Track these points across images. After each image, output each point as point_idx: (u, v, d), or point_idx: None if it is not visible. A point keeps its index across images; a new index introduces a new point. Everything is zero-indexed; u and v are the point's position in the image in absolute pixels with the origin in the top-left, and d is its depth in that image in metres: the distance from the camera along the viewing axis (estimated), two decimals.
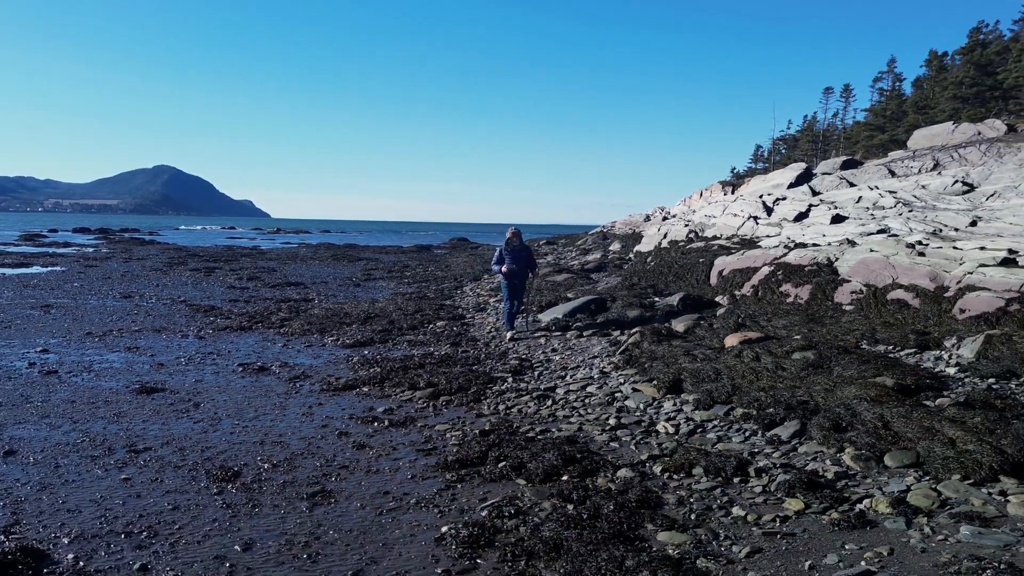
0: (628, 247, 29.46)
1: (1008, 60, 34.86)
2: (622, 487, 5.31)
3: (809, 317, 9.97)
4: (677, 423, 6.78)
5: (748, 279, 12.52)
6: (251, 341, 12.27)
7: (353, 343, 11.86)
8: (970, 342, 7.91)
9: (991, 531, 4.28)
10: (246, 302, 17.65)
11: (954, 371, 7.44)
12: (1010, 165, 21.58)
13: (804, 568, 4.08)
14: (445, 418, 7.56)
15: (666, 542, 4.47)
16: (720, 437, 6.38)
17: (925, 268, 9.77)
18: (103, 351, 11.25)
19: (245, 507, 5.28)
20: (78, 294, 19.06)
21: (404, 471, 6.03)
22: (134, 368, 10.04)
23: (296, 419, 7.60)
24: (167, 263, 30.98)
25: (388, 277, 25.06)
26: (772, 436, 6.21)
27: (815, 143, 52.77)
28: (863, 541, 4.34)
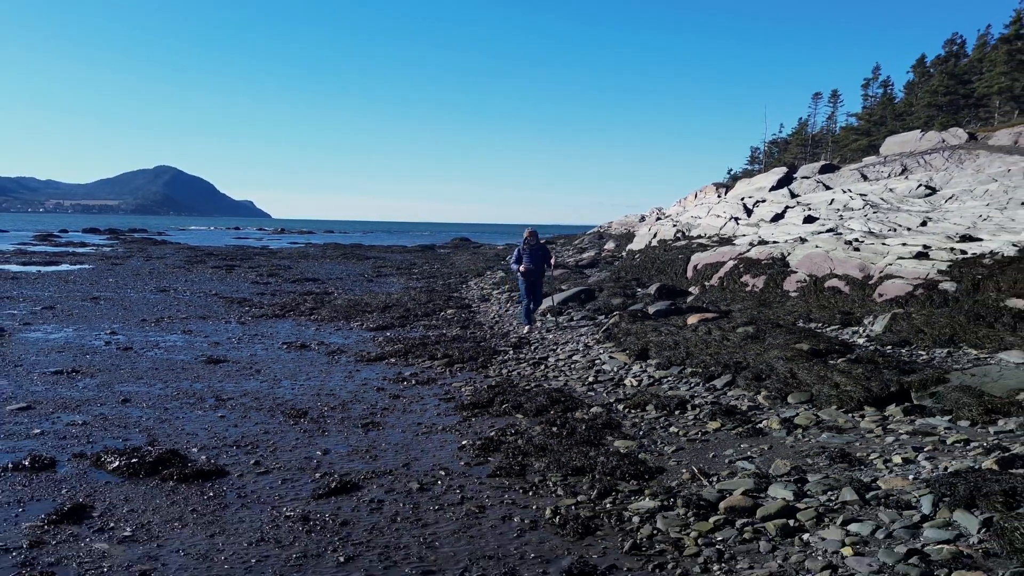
0: (622, 246, 31.39)
1: (981, 70, 36.82)
2: (593, 417, 7.25)
3: (760, 302, 11.91)
4: (640, 379, 8.73)
5: (716, 271, 14.47)
6: (287, 326, 14.21)
7: (376, 327, 13.81)
8: (881, 319, 9.85)
9: (841, 436, 6.23)
10: (272, 295, 19.58)
11: (863, 341, 9.38)
12: (968, 171, 23.52)
13: (708, 457, 6.04)
14: (459, 379, 9.50)
15: (619, 446, 6.41)
16: (671, 387, 8.33)
17: (856, 261, 11.71)
18: (162, 333, 13.18)
19: (317, 432, 7.22)
20: (117, 288, 20.98)
21: (431, 411, 7.98)
22: (194, 346, 11.97)
23: (340, 380, 9.54)
24: (187, 261, 32.89)
25: (397, 274, 27.02)
26: (710, 385, 8.16)
27: (804, 146, 54.75)
28: (754, 443, 6.29)
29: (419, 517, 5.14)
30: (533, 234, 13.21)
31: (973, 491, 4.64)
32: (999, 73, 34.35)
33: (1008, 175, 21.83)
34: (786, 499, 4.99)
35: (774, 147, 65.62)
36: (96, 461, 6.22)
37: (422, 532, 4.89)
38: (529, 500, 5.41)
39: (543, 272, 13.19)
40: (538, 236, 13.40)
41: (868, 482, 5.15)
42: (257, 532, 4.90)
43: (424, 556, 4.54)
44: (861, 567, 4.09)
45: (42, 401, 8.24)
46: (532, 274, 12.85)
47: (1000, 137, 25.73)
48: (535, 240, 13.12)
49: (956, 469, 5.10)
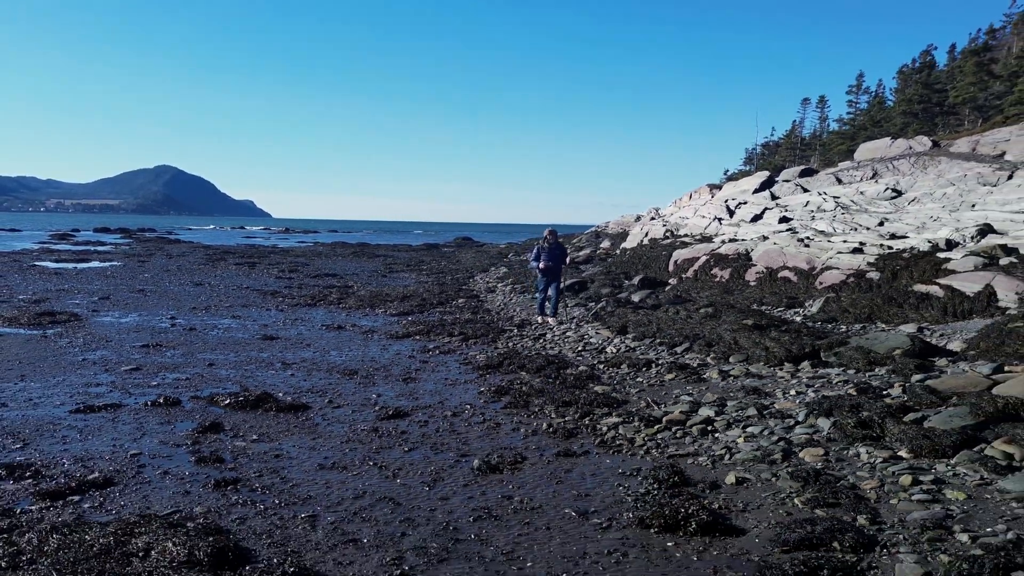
0: (616, 244, 33.64)
1: (954, 80, 39.09)
2: (579, 373, 9.48)
3: (724, 290, 14.13)
4: (619, 347, 10.96)
5: (692, 265, 16.68)
6: (320, 313, 16.41)
7: (398, 313, 16.04)
8: (817, 302, 12.07)
9: (760, 380, 8.46)
10: (299, 288, 21.78)
11: (800, 319, 11.61)
12: (931, 175, 25.75)
13: (662, 395, 8.27)
14: (474, 350, 11.72)
15: (598, 389, 8.63)
16: (642, 353, 10.55)
17: (805, 255, 13.92)
18: (215, 318, 15.38)
19: (368, 383, 9.44)
20: (155, 282, 23.18)
21: (454, 371, 10.20)
22: (247, 327, 14.17)
23: (377, 351, 11.76)
24: (208, 259, 35.07)
25: (408, 270, 29.25)
26: (672, 351, 10.39)
27: (794, 149, 57.08)
28: (696, 386, 8.52)
29: (454, 429, 7.36)
30: (553, 233, 14.17)
31: (832, 406, 6.88)
32: (968, 83, 36.60)
33: (964, 179, 24.06)
34: (708, 415, 7.22)
35: (766, 150, 67.92)
36: (210, 400, 8.43)
37: (457, 436, 7.11)
38: (531, 420, 7.63)
39: (560, 268, 13.99)
40: (557, 235, 14.30)
41: (767, 404, 7.39)
42: (344, 437, 7.12)
43: (460, 448, 6.76)
44: (747, 448, 6.32)
45: (145, 365, 10.45)
46: (551, 271, 13.71)
47: (960, 145, 27.93)
48: (554, 239, 14.01)
49: (827, 395, 7.34)
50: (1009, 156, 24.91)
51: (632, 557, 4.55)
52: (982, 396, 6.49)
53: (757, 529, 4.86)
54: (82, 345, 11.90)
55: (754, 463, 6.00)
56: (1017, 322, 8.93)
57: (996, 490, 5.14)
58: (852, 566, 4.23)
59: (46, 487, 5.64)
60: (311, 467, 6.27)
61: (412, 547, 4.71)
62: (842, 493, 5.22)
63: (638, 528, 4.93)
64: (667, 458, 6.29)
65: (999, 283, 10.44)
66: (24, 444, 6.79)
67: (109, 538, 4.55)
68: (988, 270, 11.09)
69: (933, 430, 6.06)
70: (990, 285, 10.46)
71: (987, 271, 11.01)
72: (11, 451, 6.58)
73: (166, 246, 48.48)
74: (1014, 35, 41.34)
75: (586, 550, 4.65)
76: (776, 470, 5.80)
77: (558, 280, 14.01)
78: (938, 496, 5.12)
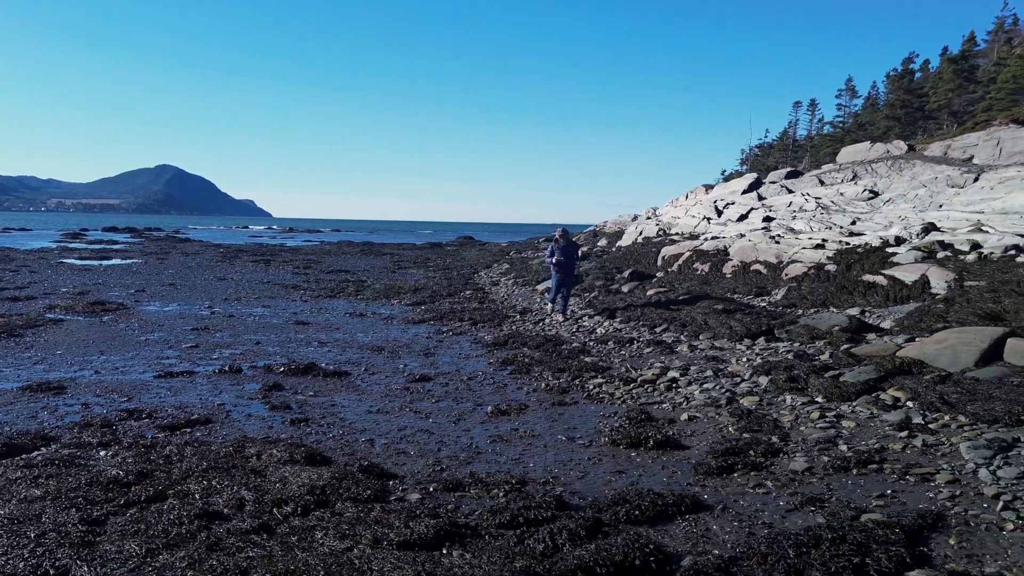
0: (612, 242, 35.39)
1: (937, 86, 40.92)
2: (572, 348, 11.24)
3: (703, 281, 15.89)
4: (607, 329, 12.73)
5: (677, 260, 18.44)
6: (341, 303, 18.18)
7: (412, 303, 17.80)
8: (782, 291, 13.84)
9: (721, 352, 10.22)
10: (316, 282, 23.52)
11: (765, 305, 13.38)
12: (906, 177, 27.51)
13: (640, 363, 10.03)
14: (483, 332, 13.48)
15: (587, 360, 10.39)
16: (627, 333, 12.32)
17: (774, 250, 15.68)
18: (248, 307, 17.13)
19: (395, 357, 11.20)
20: (182, 277, 24.91)
21: (466, 347, 11.97)
22: (279, 315, 15.93)
23: (398, 333, 13.53)
24: (223, 257, 36.77)
25: (415, 266, 31.01)
26: (652, 331, 12.16)
27: (786, 151, 58.91)
28: (668, 357, 10.28)
29: (470, 388, 9.14)
30: (564, 234, 14.75)
31: (771, 367, 8.65)
32: (946, 89, 38.39)
33: (935, 181, 25.82)
34: (674, 376, 8.99)
35: (760, 151, 69.76)
36: (267, 369, 10.20)
37: (472, 393, 8.88)
38: (532, 382, 9.40)
39: (574, 265, 14.57)
40: (569, 235, 14.96)
41: (722, 368, 9.17)
42: (382, 393, 8.89)
43: (476, 400, 8.53)
44: (700, 397, 8.10)
45: (201, 343, 12.21)
46: (564, 267, 14.20)
47: (934, 149, 29.67)
48: (566, 239, 14.60)
49: (770, 360, 9.12)
50: (976, 160, 26.66)
51: (605, 461, 6.32)
52: (886, 358, 8.26)
53: (698, 446, 6.63)
54: (139, 329, 13.66)
55: (704, 407, 7.78)
56: (938, 304, 10.69)
57: (880, 421, 6.91)
58: (760, 464, 6.00)
59: (162, 423, 7.41)
60: (361, 412, 8.05)
61: (446, 456, 6.49)
62: (765, 423, 6.99)
63: (611, 446, 6.70)
64: (638, 405, 8.06)
65: (932, 273, 12.20)
66: (129, 398, 8.56)
67: (229, 448, 6.32)
68: (925, 262, 12.84)
69: (844, 382, 7.83)
70: (925, 275, 12.21)
71: (924, 263, 12.77)
72: (122, 402, 8.35)
73: (178, 245, 50.13)
74: (994, 42, 43.13)
75: (572, 458, 6.43)
76: (720, 411, 7.58)
77: (571, 277, 14.53)
78: (835, 425, 6.89)
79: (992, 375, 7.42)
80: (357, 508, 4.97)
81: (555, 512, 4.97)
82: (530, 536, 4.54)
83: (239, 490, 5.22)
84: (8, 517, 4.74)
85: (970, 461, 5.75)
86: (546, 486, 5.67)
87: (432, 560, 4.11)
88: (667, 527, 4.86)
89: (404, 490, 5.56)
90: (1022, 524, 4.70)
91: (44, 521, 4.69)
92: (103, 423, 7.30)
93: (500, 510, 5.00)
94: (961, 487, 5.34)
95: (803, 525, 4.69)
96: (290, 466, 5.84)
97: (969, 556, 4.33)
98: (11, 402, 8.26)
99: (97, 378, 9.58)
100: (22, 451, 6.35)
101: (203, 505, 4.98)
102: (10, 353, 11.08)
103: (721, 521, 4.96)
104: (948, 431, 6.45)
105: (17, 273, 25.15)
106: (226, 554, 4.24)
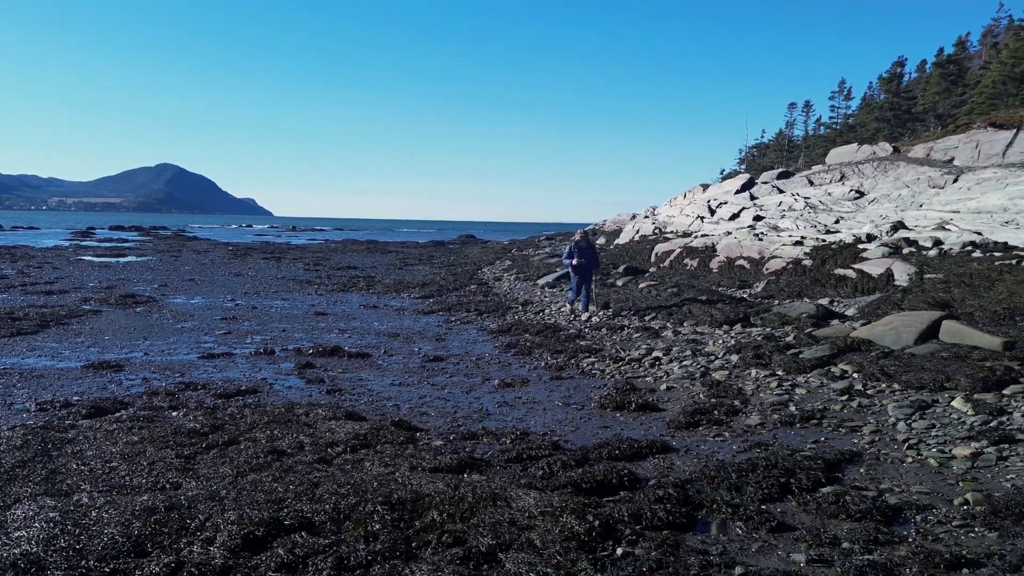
0: (611, 240, 36.65)
1: (925, 89, 42.21)
2: (569, 334, 12.51)
3: (692, 275, 17.16)
4: (601, 318, 13.99)
5: (669, 256, 19.71)
6: (355, 296, 19.44)
7: (421, 296, 19.06)
8: (762, 284, 15.09)
9: (701, 335, 11.49)
10: (328, 277, 24.78)
11: (746, 296, 14.63)
12: (890, 178, 28.77)
13: (628, 345, 11.30)
14: (488, 321, 14.74)
15: (582, 343, 11.65)
16: (618, 321, 13.58)
17: (757, 247, 16.94)
18: (268, 300, 18.39)
19: (410, 342, 12.46)
20: (199, 273, 26.18)
21: (473, 334, 13.24)
22: (298, 306, 17.19)
23: (410, 322, 14.79)
24: (234, 254, 38.01)
25: (420, 263, 32.28)
26: (642, 319, 13.41)
27: (781, 151, 60.23)
28: (654, 341, 11.54)
29: (478, 366, 10.40)
30: (584, 235, 14.89)
31: (741, 347, 9.91)
32: (933, 93, 39.65)
33: (917, 182, 27.08)
34: (658, 355, 10.26)
35: (756, 151, 71.09)
36: (297, 351, 11.46)
37: (481, 370, 10.15)
38: (533, 361, 10.67)
39: (592, 266, 14.69)
40: (588, 236, 14.98)
41: (700, 349, 10.43)
42: (401, 370, 10.15)
43: (484, 375, 9.79)
44: (679, 372, 9.36)
45: (233, 331, 13.47)
46: (583, 269, 14.38)
47: (917, 151, 30.93)
48: (586, 241, 14.75)
49: (742, 341, 10.39)
50: (957, 161, 27.92)
51: (594, 420, 7.59)
52: (840, 338, 9.52)
53: (672, 408, 7.90)
54: (173, 319, 14.92)
55: (681, 379, 9.05)
56: (897, 294, 11.95)
57: (827, 388, 8.16)
58: (721, 420, 7.27)
59: (216, 392, 8.67)
60: (385, 384, 9.32)
61: (461, 416, 7.76)
62: (731, 391, 8.26)
63: (599, 409, 7.97)
64: (625, 379, 9.33)
65: (896, 267, 13.45)
66: (181, 374, 9.82)
67: (280, 410, 7.58)
68: (891, 257, 14.09)
69: (803, 358, 9.08)
70: (890, 268, 13.46)
71: (890, 258, 14.01)
72: (176, 377, 9.61)
73: (187, 243, 51.36)
74: (983, 45, 44.41)
75: (566, 417, 7.69)
76: (694, 383, 8.85)
77: (590, 277, 14.68)
78: (789, 392, 8.16)
79: (927, 351, 8.67)
80: (394, 448, 6.23)
81: (551, 452, 6.24)
82: (532, 465, 5.81)
83: (298, 436, 6.49)
84: (120, 453, 6.00)
85: (893, 417, 7.03)
86: (544, 436, 6.93)
87: (456, 480, 5.37)
88: (640, 462, 6.12)
89: (429, 439, 6.82)
90: (919, 459, 5.98)
91: (149, 456, 5.95)
92: (166, 393, 8.56)
93: (507, 450, 6.26)
94: (880, 435, 6.61)
95: (746, 459, 5.96)
96: (334, 421, 7.10)
97: (872, 479, 5.59)
98: (80, 377, 9.53)
99: (148, 359, 10.84)
100: (107, 412, 7.61)
101: (271, 446, 6.23)
102: (64, 338, 12.35)
103: (683, 459, 6.23)
104: (882, 395, 7.72)
105: (41, 269, 26.43)
106: (298, 475, 5.50)
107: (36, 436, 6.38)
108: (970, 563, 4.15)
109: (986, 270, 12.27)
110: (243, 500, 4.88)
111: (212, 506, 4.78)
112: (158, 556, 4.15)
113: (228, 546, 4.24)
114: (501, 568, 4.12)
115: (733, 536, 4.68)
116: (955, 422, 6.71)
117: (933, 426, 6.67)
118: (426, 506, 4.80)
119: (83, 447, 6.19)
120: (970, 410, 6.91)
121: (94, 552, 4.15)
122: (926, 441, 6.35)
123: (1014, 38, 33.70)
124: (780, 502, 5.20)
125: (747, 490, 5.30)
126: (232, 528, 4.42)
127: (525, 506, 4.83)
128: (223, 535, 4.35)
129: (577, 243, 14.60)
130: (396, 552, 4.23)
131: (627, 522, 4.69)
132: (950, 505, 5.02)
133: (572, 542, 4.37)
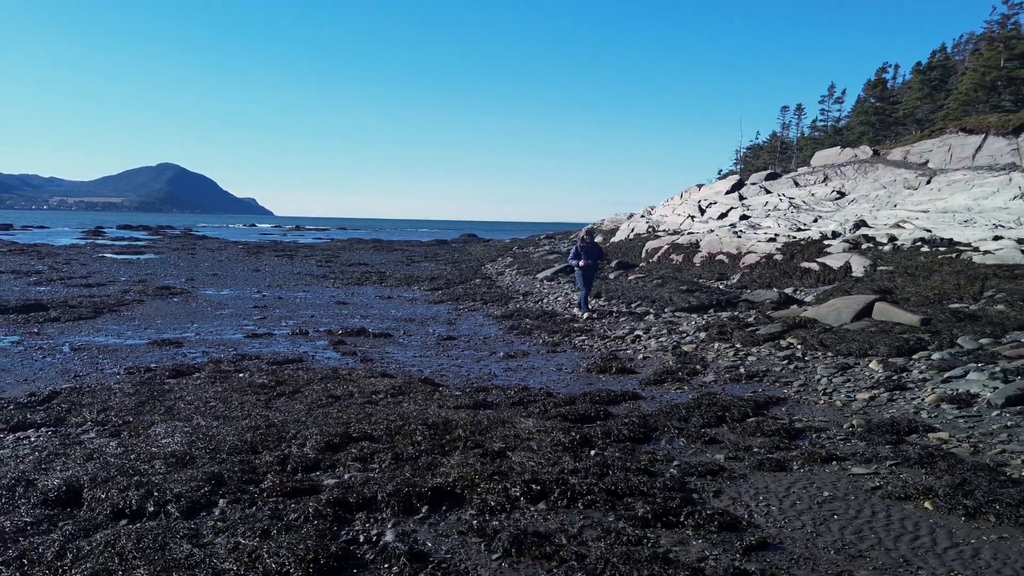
0: (607, 238, 38.39)
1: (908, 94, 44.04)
2: (564, 319, 14.27)
3: (676, 269, 18.94)
4: (593, 305, 15.77)
5: (657, 252, 21.47)
6: (369, 289, 21.21)
7: (430, 288, 20.85)
8: (737, 276, 16.86)
9: (678, 319, 13.26)
10: (341, 273, 26.54)
11: (722, 286, 16.41)
12: (869, 179, 30.54)
13: (615, 327, 13.07)
14: (492, 309, 16.52)
15: (575, 326, 13.42)
16: (608, 308, 15.35)
17: (735, 243, 18.71)
18: (291, 292, 20.15)
19: (424, 326, 14.23)
20: (220, 269, 27.91)
21: (480, 319, 15.01)
22: (320, 297, 18.96)
23: (423, 310, 16.57)
24: (247, 252, 39.73)
25: (426, 260, 34.05)
26: (629, 306, 15.19)
27: (775, 153, 62.05)
28: (637, 323, 13.31)
29: (486, 344, 12.18)
30: (589, 233, 16.30)
31: (709, 326, 11.68)
32: (914, 98, 41.46)
33: (894, 184, 28.85)
34: (639, 334, 12.03)
35: (751, 152, 72.94)
36: (327, 332, 13.23)
37: (488, 347, 11.92)
38: (532, 340, 12.44)
39: (597, 265, 15.15)
40: (593, 235, 16.02)
41: (675, 328, 12.21)
42: (420, 347, 11.93)
43: (491, 350, 11.57)
44: (655, 346, 11.13)
45: (267, 317, 15.24)
46: (588, 268, 14.78)
47: (895, 154, 32.67)
48: (590, 239, 15.32)
49: (710, 322, 12.16)
50: (931, 164, 29.68)
51: (581, 379, 9.37)
52: (791, 318, 11.29)
53: (645, 372, 9.68)
54: (210, 307, 16.69)
55: (656, 351, 10.83)
56: (849, 283, 13.72)
57: (774, 357, 9.93)
58: (683, 379, 9.04)
59: (269, 361, 10.43)
60: (408, 357, 11.09)
61: (474, 377, 9.54)
62: (695, 359, 10.04)
63: (587, 372, 9.75)
64: (610, 351, 11.11)
65: (854, 260, 15.22)
66: (234, 349, 11.59)
67: (327, 371, 9.36)
68: (850, 252, 15.87)
69: (758, 334, 10.85)
70: (848, 262, 15.23)
71: (849, 252, 15.79)
72: (231, 351, 11.38)
73: (199, 242, 53.01)
74: (968, 52, 46.14)
75: (559, 379, 9.47)
76: (666, 354, 10.63)
77: (592, 278, 15.03)
78: (743, 359, 9.93)
79: (859, 327, 10.45)
80: (423, 395, 8.01)
81: (546, 398, 8.02)
82: (531, 405, 7.60)
83: (347, 387, 8.27)
84: (214, 397, 7.79)
85: (819, 375, 8.80)
86: (541, 390, 8.70)
87: (473, 413, 7.14)
88: (615, 406, 7.89)
89: (449, 391, 8.60)
90: (830, 401, 7.75)
91: (236, 399, 7.73)
92: (228, 361, 10.34)
93: (512, 397, 8.05)
94: (806, 387, 8.39)
95: (695, 401, 7.73)
96: (373, 379, 8.88)
97: (790, 415, 7.36)
98: (150, 351, 11.30)
99: (201, 337, 12.61)
100: (185, 374, 9.38)
101: (328, 394, 8.02)
102: (121, 322, 14.12)
103: (649, 404, 8.01)
104: (816, 360, 9.50)
105: (70, 265, 28.18)
106: (355, 410, 7.27)
107: (143, 387, 8.17)
108: (839, 459, 5.92)
109: (929, 263, 14.04)
110: (319, 422, 6.67)
111: (298, 426, 6.56)
112: (269, 452, 5.92)
113: (316, 447, 6.02)
114: (509, 460, 5.89)
115: (676, 447, 6.46)
116: (866, 378, 8.49)
117: (848, 380, 8.45)
118: (454, 426, 6.58)
119: (182, 394, 7.97)
120: (881, 369, 8.68)
121: (224, 450, 5.93)
122: (839, 390, 8.13)
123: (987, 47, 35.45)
124: (716, 428, 6.97)
125: (692, 420, 7.07)
126: (316, 437, 6.19)
127: (525, 427, 6.61)
128: (311, 441, 6.13)
129: (582, 242, 15.03)
130: (435, 451, 6.01)
131: (600, 437, 6.46)
132: (839, 428, 6.80)
133: (559, 447, 6.14)
